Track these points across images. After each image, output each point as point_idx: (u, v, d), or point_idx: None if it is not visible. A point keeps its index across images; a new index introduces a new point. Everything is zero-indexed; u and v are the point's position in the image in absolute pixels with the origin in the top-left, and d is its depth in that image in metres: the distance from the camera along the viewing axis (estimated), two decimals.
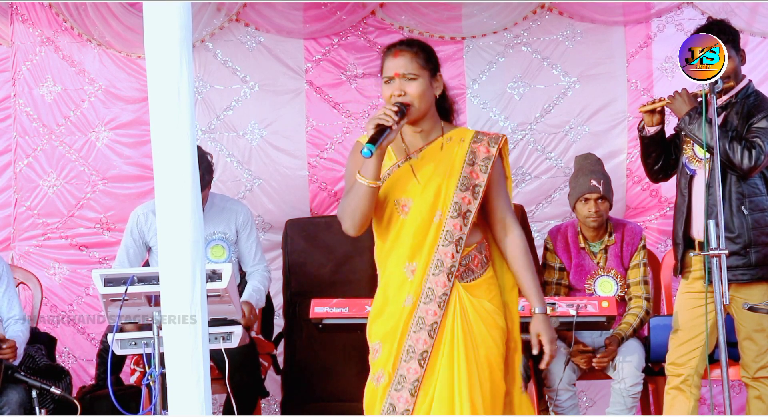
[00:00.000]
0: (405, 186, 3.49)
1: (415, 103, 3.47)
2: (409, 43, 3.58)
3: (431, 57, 3.56)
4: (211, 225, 5.28)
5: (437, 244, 3.46)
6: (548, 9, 6.21)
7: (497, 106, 6.23)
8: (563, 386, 5.05)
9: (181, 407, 3.05)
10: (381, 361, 3.47)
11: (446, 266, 3.45)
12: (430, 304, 3.44)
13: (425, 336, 3.42)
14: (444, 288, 3.44)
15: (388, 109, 3.40)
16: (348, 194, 3.49)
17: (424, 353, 3.42)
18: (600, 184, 5.21)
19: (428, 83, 3.51)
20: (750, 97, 4.60)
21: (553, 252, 5.36)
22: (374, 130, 3.36)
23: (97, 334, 5.98)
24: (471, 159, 3.52)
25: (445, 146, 3.54)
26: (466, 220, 3.48)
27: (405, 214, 3.48)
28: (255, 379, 5.14)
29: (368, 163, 3.40)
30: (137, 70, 6.12)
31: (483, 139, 3.57)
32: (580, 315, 4.69)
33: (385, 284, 3.53)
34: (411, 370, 3.42)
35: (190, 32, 3.08)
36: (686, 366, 4.65)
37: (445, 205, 3.47)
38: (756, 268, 4.54)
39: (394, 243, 3.50)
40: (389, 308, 3.49)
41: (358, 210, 3.44)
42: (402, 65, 3.48)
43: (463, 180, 3.49)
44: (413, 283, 3.45)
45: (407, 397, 3.42)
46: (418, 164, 3.51)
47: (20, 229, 6.17)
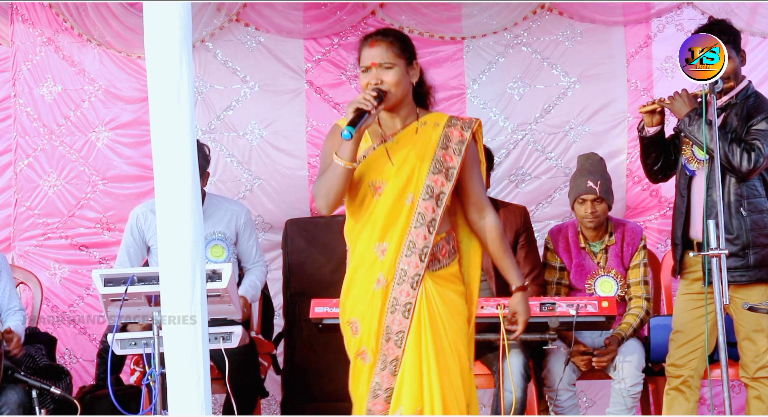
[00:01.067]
0: (380, 168, 3.61)
1: (392, 90, 3.59)
2: (384, 32, 3.71)
3: (407, 46, 3.69)
4: (211, 225, 5.28)
5: (410, 225, 3.56)
6: (548, 9, 6.20)
7: (497, 106, 6.23)
8: (563, 386, 5.05)
9: (181, 407, 3.05)
10: (363, 339, 3.59)
11: (418, 247, 3.55)
12: (404, 284, 3.54)
13: (400, 316, 3.54)
14: (416, 269, 3.54)
15: (368, 94, 3.53)
16: (324, 174, 3.59)
17: (399, 333, 3.53)
18: (597, 186, 5.20)
19: (404, 71, 3.63)
20: (750, 98, 4.60)
21: (553, 252, 5.36)
22: (353, 113, 3.49)
23: (98, 334, 5.97)
24: (445, 142, 3.64)
25: (419, 130, 3.65)
26: (439, 201, 3.58)
27: (378, 196, 3.60)
28: (255, 379, 5.14)
29: (346, 145, 3.51)
30: (137, 70, 6.12)
31: (457, 123, 3.69)
32: (580, 315, 4.69)
33: (355, 263, 3.64)
34: (390, 351, 3.55)
35: (190, 32, 3.08)
36: (686, 367, 4.65)
37: (417, 187, 3.58)
38: (754, 270, 4.54)
39: (366, 223, 3.61)
40: (359, 286, 3.60)
41: (333, 189, 3.54)
42: (378, 55, 3.61)
43: (436, 163, 3.60)
44: (384, 264, 3.56)
45: (389, 377, 3.55)
46: (393, 147, 3.62)
47: (20, 229, 6.17)
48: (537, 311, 4.66)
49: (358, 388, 3.63)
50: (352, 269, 3.65)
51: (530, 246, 5.30)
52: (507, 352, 3.87)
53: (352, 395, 3.67)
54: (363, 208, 3.61)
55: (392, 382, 3.53)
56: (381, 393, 3.56)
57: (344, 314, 3.65)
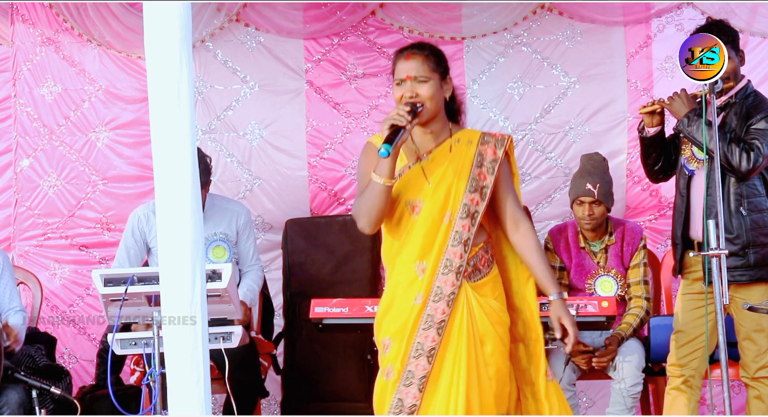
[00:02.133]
0: (416, 187, 3.59)
1: (427, 104, 3.58)
2: (420, 46, 3.68)
3: (441, 60, 3.67)
4: (213, 226, 5.28)
5: (447, 244, 3.55)
6: (548, 9, 6.21)
7: (497, 106, 6.23)
8: (563, 386, 5.03)
9: (181, 407, 3.05)
10: (391, 357, 3.55)
11: (455, 266, 3.54)
12: (440, 302, 3.52)
13: (434, 333, 3.51)
14: (452, 287, 3.53)
15: (402, 109, 3.51)
16: (363, 193, 3.57)
17: (431, 350, 3.50)
18: (595, 188, 5.19)
19: (438, 85, 3.63)
20: (749, 97, 4.60)
21: (553, 252, 5.36)
22: (389, 130, 3.46)
23: (98, 335, 5.98)
24: (479, 161, 3.63)
25: (453, 148, 3.64)
26: (474, 220, 3.58)
27: (416, 215, 3.58)
28: (255, 379, 5.14)
29: (384, 163, 3.49)
30: (137, 70, 6.12)
31: (490, 140, 3.67)
32: (580, 315, 4.68)
33: (395, 282, 3.61)
34: (419, 367, 3.51)
35: (190, 32, 3.08)
36: (687, 367, 4.65)
37: (455, 206, 3.57)
38: (755, 269, 4.54)
39: (405, 242, 3.59)
40: (399, 305, 3.57)
41: (374, 208, 3.53)
42: (414, 68, 3.59)
43: (472, 182, 3.59)
44: (423, 282, 3.54)
45: (415, 393, 3.50)
46: (429, 166, 3.61)
47: (20, 229, 6.17)
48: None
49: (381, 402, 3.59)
50: (392, 288, 3.61)
51: None
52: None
53: (376, 410, 3.62)
54: (401, 228, 3.60)
55: (417, 399, 3.50)
56: (403, 410, 3.51)
57: (379, 332, 3.62)
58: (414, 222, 3.58)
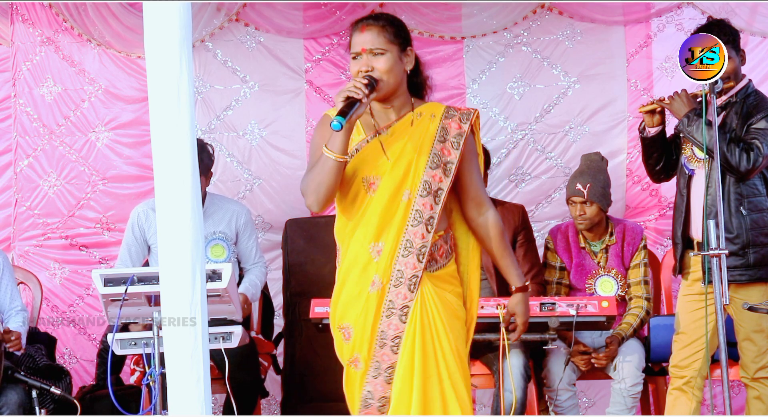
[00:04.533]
0: (373, 163, 3.38)
1: (384, 78, 3.37)
2: (375, 17, 3.49)
3: (400, 31, 3.45)
4: (212, 224, 5.29)
5: (406, 224, 3.35)
6: (548, 9, 6.20)
7: (497, 106, 6.22)
8: (563, 386, 5.05)
9: (181, 407, 3.05)
10: (356, 345, 3.36)
11: (416, 247, 3.34)
12: (401, 287, 3.33)
13: (396, 321, 3.33)
14: (414, 270, 3.34)
15: (358, 81, 3.32)
16: (313, 168, 3.38)
17: (395, 338, 3.33)
18: (586, 189, 5.18)
19: (397, 57, 3.41)
20: (750, 96, 4.59)
21: (553, 251, 5.36)
22: (343, 103, 3.26)
23: (98, 335, 5.98)
24: (442, 135, 3.41)
25: (415, 122, 3.43)
26: (437, 198, 3.37)
27: (372, 192, 3.37)
28: (255, 379, 5.14)
29: (336, 137, 3.28)
30: (137, 70, 6.12)
31: (455, 114, 3.46)
32: (580, 315, 4.69)
33: (348, 264, 3.40)
34: (385, 357, 3.34)
35: (190, 32, 3.08)
36: (689, 368, 4.64)
37: (415, 183, 3.36)
38: (754, 269, 4.54)
39: (359, 221, 3.38)
40: (354, 289, 3.37)
41: (324, 185, 3.33)
42: (369, 40, 3.40)
43: (434, 157, 3.38)
44: (380, 265, 3.34)
45: (384, 385, 3.34)
46: (388, 140, 3.40)
47: (20, 229, 6.17)
48: (537, 311, 4.66)
49: (353, 395, 3.42)
50: (345, 271, 3.40)
51: (529, 245, 5.30)
52: (507, 352, 3.83)
53: (348, 402, 3.47)
54: (356, 206, 3.38)
55: (387, 391, 3.33)
56: (374, 402, 3.35)
57: (335, 319, 3.42)
58: (370, 200, 3.36)
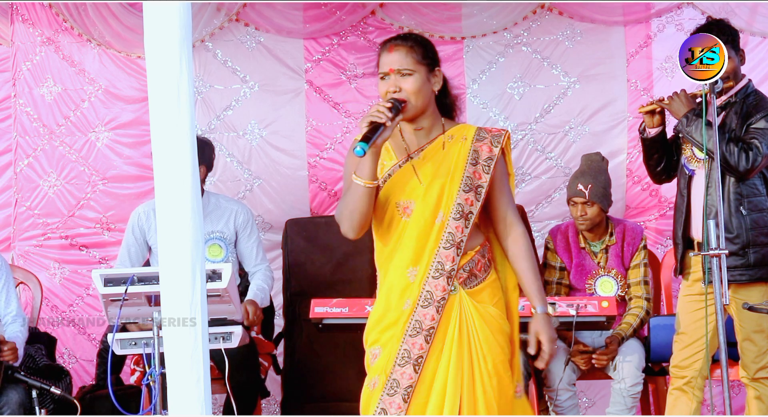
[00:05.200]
0: (406, 187, 3.37)
1: (411, 99, 3.34)
2: (404, 37, 3.45)
3: (428, 51, 3.42)
4: (209, 224, 5.28)
5: (438, 246, 3.33)
6: (548, 9, 6.21)
7: (497, 106, 6.23)
8: (563, 386, 5.05)
9: (181, 407, 3.05)
10: (378, 367, 3.35)
11: (446, 270, 3.33)
12: (429, 308, 3.31)
13: (421, 341, 3.30)
14: (443, 292, 3.32)
15: (382, 105, 3.27)
16: (345, 196, 3.36)
17: (419, 359, 3.29)
18: (587, 189, 5.18)
19: (425, 78, 3.37)
20: (749, 96, 4.59)
21: (553, 251, 5.36)
22: (367, 127, 3.24)
23: (98, 335, 5.98)
24: (474, 158, 3.40)
25: (446, 145, 3.41)
26: (467, 222, 3.36)
27: (407, 217, 3.36)
28: (255, 379, 5.14)
29: (363, 163, 3.27)
30: (137, 70, 6.12)
31: (486, 136, 3.44)
32: (580, 315, 4.69)
33: (387, 289, 3.39)
34: (405, 375, 3.30)
35: (190, 32, 3.08)
36: (690, 368, 4.64)
37: (448, 206, 3.35)
38: (754, 269, 4.53)
39: (396, 246, 3.37)
40: (391, 314, 3.35)
41: (357, 211, 3.32)
42: (397, 60, 3.35)
43: (466, 180, 3.37)
44: (413, 286, 3.33)
45: (399, 403, 3.29)
46: (420, 164, 3.39)
47: (20, 229, 6.17)
48: None
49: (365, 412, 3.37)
50: (384, 295, 3.37)
51: None
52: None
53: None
54: (391, 231, 3.37)
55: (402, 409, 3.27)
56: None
57: (369, 341, 3.40)
58: (405, 224, 3.35)
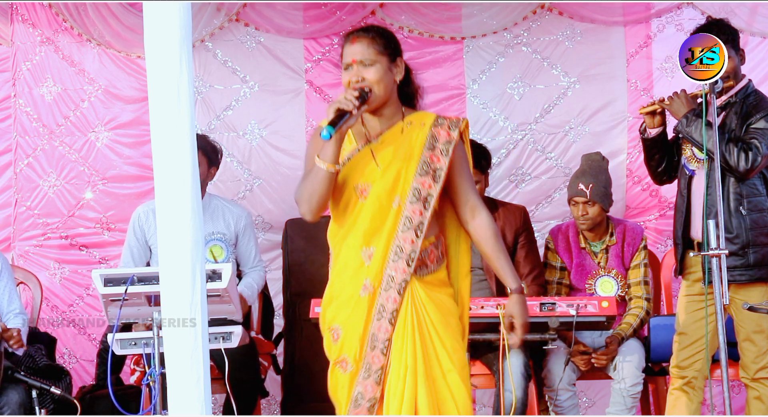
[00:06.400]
0: (364, 170, 3.49)
1: (374, 88, 3.47)
2: (366, 29, 3.59)
3: (390, 42, 3.56)
4: (211, 224, 5.29)
5: (396, 230, 3.45)
6: (548, 9, 6.20)
7: (497, 106, 6.22)
8: (563, 386, 5.05)
9: (181, 407, 3.05)
10: (345, 347, 3.45)
11: (406, 252, 3.44)
12: (390, 290, 3.43)
13: (386, 324, 3.42)
14: (404, 274, 3.43)
15: (350, 93, 3.41)
16: (306, 178, 3.50)
17: (385, 341, 3.42)
18: (588, 189, 5.18)
19: (387, 68, 3.51)
20: (749, 96, 4.59)
21: (554, 251, 5.36)
22: (334, 114, 3.36)
23: (98, 335, 5.98)
24: (431, 143, 3.51)
25: (405, 130, 3.53)
26: (426, 204, 3.47)
27: (364, 199, 3.48)
28: (255, 379, 5.15)
29: (327, 147, 3.40)
30: (137, 70, 6.12)
31: (444, 122, 3.56)
32: (580, 315, 4.68)
33: (340, 268, 3.51)
34: (375, 359, 3.43)
35: (190, 32, 3.08)
36: (690, 369, 4.64)
37: (404, 190, 3.46)
38: (754, 269, 4.53)
39: (351, 227, 3.49)
40: (345, 292, 3.47)
41: (316, 194, 3.45)
42: (359, 51, 3.50)
43: (423, 164, 3.48)
44: (371, 269, 3.44)
45: (373, 386, 3.43)
46: (378, 148, 3.51)
47: (20, 229, 6.17)
48: (537, 311, 4.66)
49: (337, 394, 3.50)
50: (336, 274, 3.52)
51: (530, 246, 5.29)
52: (507, 352, 3.84)
53: (333, 401, 3.54)
54: (348, 212, 3.49)
55: (376, 392, 3.42)
56: (363, 402, 3.43)
57: (325, 320, 3.52)
58: (362, 206, 3.47)
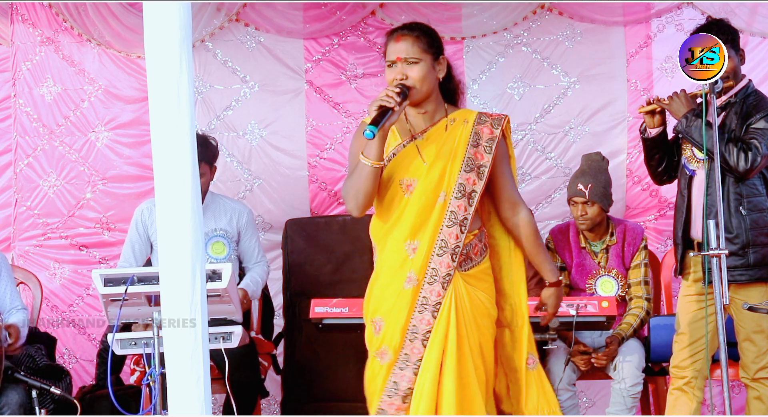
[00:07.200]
0: (409, 166, 3.55)
1: (417, 85, 3.53)
2: (411, 27, 3.64)
3: (434, 40, 3.62)
4: (213, 221, 5.30)
5: (441, 224, 3.51)
6: (548, 9, 6.21)
7: (497, 106, 6.22)
8: (563, 386, 5.05)
9: (181, 407, 3.05)
10: (385, 338, 3.52)
11: (450, 247, 3.50)
12: (435, 284, 3.49)
13: (429, 316, 3.49)
14: (448, 269, 3.50)
15: (391, 90, 3.48)
16: (352, 175, 3.54)
17: (426, 333, 3.48)
18: (587, 189, 5.18)
19: (430, 66, 3.58)
20: (750, 96, 4.59)
21: (554, 251, 5.36)
22: (376, 111, 3.43)
23: (98, 335, 5.98)
24: (475, 140, 3.59)
25: (449, 127, 3.61)
26: (471, 200, 3.54)
27: (409, 194, 3.54)
28: (255, 379, 5.15)
29: (371, 144, 3.46)
30: (137, 70, 6.12)
31: (486, 120, 3.64)
32: (580, 315, 4.69)
33: (384, 261, 3.58)
34: (415, 350, 3.48)
35: (190, 32, 3.08)
36: (690, 369, 4.64)
37: (450, 185, 3.53)
38: (754, 269, 4.53)
39: (397, 221, 3.55)
40: (388, 285, 3.54)
41: (362, 190, 3.50)
42: (404, 49, 3.55)
43: (468, 161, 3.56)
44: (415, 262, 3.51)
45: (410, 377, 3.48)
46: (423, 145, 3.57)
47: (20, 229, 6.17)
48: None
49: (372, 384, 3.56)
50: (380, 266, 3.58)
51: None
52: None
53: (367, 392, 3.59)
54: (393, 207, 3.55)
55: (413, 382, 3.48)
56: (398, 392, 3.49)
57: (368, 312, 3.59)
58: (407, 201, 3.54)
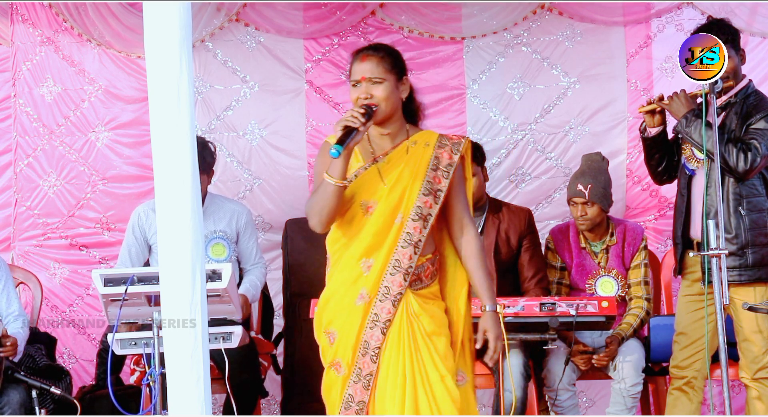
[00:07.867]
0: (371, 188, 3.63)
1: (382, 105, 3.62)
2: (375, 47, 3.75)
3: (397, 61, 3.70)
4: (213, 223, 5.29)
5: (396, 245, 3.59)
6: (548, 9, 6.21)
7: (497, 106, 6.23)
8: (563, 386, 5.05)
9: (181, 407, 3.05)
10: (339, 350, 3.60)
11: (404, 267, 3.58)
12: (386, 302, 3.57)
13: (378, 333, 3.57)
14: (399, 287, 3.57)
15: (356, 110, 3.56)
16: (316, 192, 3.62)
17: (376, 349, 3.56)
18: (587, 189, 5.18)
19: (394, 86, 3.65)
20: (750, 96, 4.59)
21: (554, 251, 5.36)
22: (342, 131, 3.50)
23: (97, 335, 5.98)
24: (435, 164, 3.66)
25: (410, 150, 3.67)
26: (426, 223, 3.62)
27: (369, 215, 3.62)
28: (255, 379, 5.15)
29: (336, 163, 3.53)
30: (137, 70, 6.12)
31: (446, 144, 3.71)
32: (580, 315, 4.69)
33: (339, 276, 3.64)
34: (365, 365, 3.58)
35: (190, 32, 3.08)
36: (690, 369, 4.64)
37: (408, 208, 3.61)
38: (753, 269, 4.53)
39: (354, 238, 3.62)
40: (341, 299, 3.61)
41: (326, 208, 3.58)
42: (368, 69, 3.66)
43: (427, 184, 3.63)
44: (369, 279, 3.58)
45: (362, 390, 3.58)
46: (385, 167, 3.65)
47: (20, 229, 6.17)
48: (537, 311, 4.66)
49: (330, 396, 3.66)
50: (335, 281, 3.66)
51: (535, 249, 5.28)
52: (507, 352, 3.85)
53: (325, 401, 3.70)
54: (352, 225, 3.63)
55: (364, 396, 3.57)
56: (353, 405, 3.59)
57: (321, 324, 3.68)
58: (366, 220, 3.61)
